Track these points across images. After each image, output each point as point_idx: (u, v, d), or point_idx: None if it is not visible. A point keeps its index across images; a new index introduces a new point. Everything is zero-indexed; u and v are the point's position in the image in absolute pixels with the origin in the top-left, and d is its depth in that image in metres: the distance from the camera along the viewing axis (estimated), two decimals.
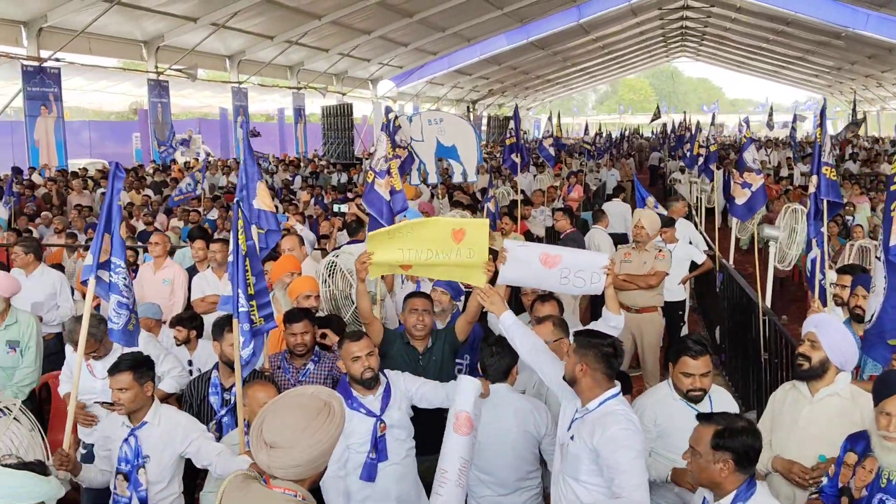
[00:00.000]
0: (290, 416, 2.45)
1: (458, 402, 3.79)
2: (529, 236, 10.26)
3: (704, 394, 3.82)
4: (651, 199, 9.79)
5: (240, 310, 3.87)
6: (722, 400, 3.92)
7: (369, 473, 4.04)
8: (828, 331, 3.82)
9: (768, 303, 7.37)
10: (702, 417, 3.13)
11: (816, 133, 5.29)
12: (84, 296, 8.18)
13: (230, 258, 3.96)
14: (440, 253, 3.98)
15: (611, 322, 4.43)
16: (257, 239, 4.35)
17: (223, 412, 4.41)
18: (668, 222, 8.46)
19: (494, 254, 4.34)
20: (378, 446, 4.05)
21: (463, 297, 5.39)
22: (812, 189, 5.19)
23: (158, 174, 19.94)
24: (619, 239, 9.84)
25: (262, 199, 4.41)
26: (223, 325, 4.42)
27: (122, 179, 4.02)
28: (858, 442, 3.38)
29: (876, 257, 4.38)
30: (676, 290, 8.34)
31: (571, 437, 3.48)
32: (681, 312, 8.57)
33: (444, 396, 4.18)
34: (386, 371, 4.30)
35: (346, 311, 6.07)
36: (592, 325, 4.54)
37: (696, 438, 3.06)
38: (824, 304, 5.34)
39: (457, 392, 3.84)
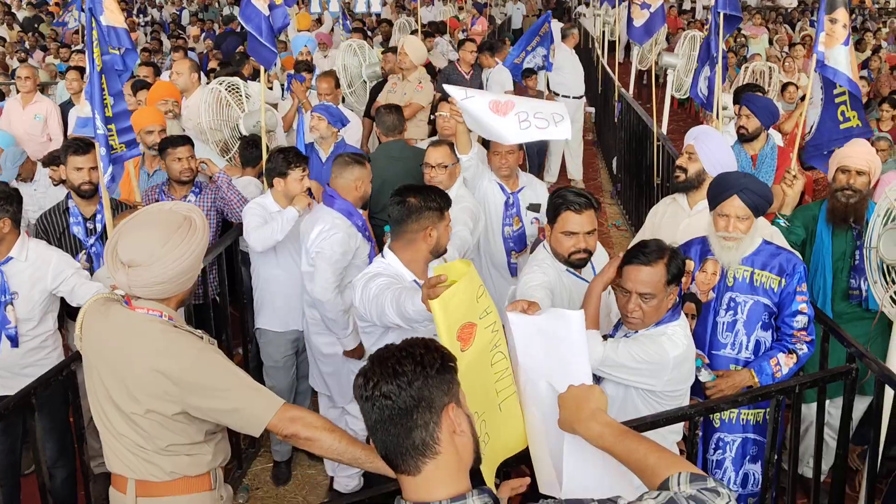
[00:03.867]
0: (147, 232, 2.28)
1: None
2: (430, 69, 9.90)
3: (590, 257, 3.26)
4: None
5: (97, 132, 3.57)
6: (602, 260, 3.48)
7: None
8: (705, 142, 3.81)
9: (664, 129, 7.43)
10: (634, 255, 2.79)
11: None
12: None
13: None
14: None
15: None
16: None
17: (91, 241, 4.16)
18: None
19: None
20: None
21: (341, 126, 5.18)
22: (710, 2, 5.09)
23: (31, 8, 18.24)
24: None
25: (111, 14, 3.94)
26: (65, 148, 4.13)
27: None
28: (689, 249, 3.43)
29: (815, 70, 4.39)
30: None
31: None
32: None
33: None
34: None
35: (232, 143, 5.79)
36: None
37: (646, 281, 2.74)
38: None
39: None
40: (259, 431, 2.30)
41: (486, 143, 4.66)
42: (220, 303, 4.50)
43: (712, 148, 3.77)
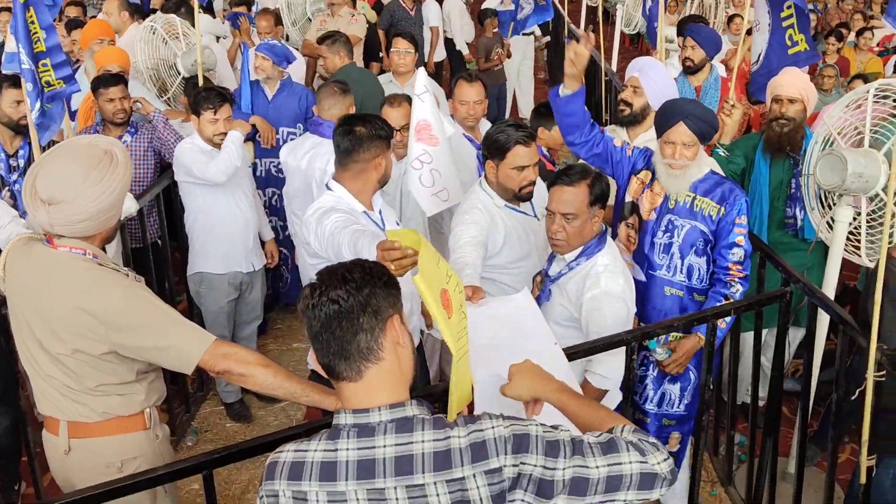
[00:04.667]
0: (66, 167, 2.20)
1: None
2: (379, 5, 9.68)
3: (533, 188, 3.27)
4: None
5: (22, 67, 3.42)
6: (541, 192, 3.41)
7: None
8: (649, 73, 3.78)
9: (613, 66, 7.40)
10: (558, 177, 2.84)
11: None
12: None
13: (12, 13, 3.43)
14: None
15: None
16: None
17: (14, 177, 4.03)
18: None
19: None
20: None
21: (287, 64, 5.06)
22: None
23: None
24: None
25: None
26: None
27: None
28: (650, 159, 3.41)
29: None
30: None
31: None
32: None
33: None
34: None
35: (170, 82, 5.62)
36: None
37: (568, 201, 2.79)
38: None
39: None
40: (190, 369, 2.27)
41: (448, 94, 4.49)
42: (161, 246, 4.41)
43: (656, 80, 3.74)
